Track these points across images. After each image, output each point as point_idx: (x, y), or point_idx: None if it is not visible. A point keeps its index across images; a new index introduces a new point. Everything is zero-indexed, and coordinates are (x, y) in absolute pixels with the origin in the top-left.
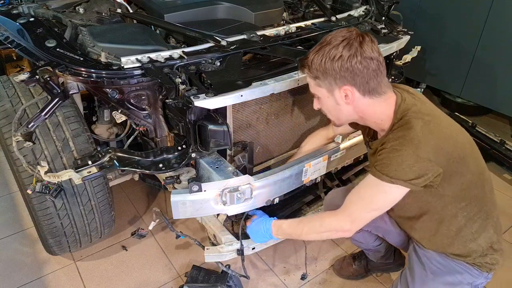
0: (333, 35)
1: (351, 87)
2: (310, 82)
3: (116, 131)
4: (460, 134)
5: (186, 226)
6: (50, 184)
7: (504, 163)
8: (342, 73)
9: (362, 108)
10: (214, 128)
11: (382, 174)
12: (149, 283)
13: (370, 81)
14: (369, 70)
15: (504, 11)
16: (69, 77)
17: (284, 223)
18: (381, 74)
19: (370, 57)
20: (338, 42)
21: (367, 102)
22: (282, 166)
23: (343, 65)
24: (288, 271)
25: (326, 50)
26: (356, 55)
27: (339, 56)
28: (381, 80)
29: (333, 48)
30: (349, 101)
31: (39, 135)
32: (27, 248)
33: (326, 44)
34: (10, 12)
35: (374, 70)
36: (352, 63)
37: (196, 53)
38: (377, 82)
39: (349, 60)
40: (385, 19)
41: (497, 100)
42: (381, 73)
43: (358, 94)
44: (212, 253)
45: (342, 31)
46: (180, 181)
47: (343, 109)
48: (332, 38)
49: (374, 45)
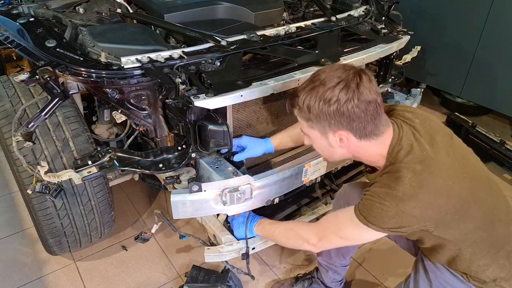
0: (327, 74)
1: (347, 132)
2: (301, 122)
3: (116, 131)
4: (459, 180)
5: (191, 225)
6: (50, 184)
7: (504, 163)
8: (338, 118)
9: (357, 150)
10: (214, 128)
11: (361, 215)
12: (149, 283)
13: (368, 125)
14: (366, 114)
15: (504, 11)
16: (69, 77)
17: (267, 222)
18: (379, 116)
19: (368, 100)
20: (333, 83)
21: (362, 145)
22: (282, 166)
23: (339, 110)
24: (288, 271)
25: (320, 92)
26: (353, 99)
27: (335, 100)
28: (379, 122)
29: (328, 90)
30: (344, 145)
31: (39, 135)
32: (27, 248)
33: (320, 85)
34: (10, 12)
35: (372, 114)
36: (349, 108)
37: (196, 53)
38: (375, 125)
39: (345, 104)
40: (385, 19)
41: (497, 100)
42: (379, 116)
43: (354, 139)
44: (212, 253)
45: (337, 69)
46: (180, 181)
47: (337, 151)
48: (327, 78)
49: (372, 85)
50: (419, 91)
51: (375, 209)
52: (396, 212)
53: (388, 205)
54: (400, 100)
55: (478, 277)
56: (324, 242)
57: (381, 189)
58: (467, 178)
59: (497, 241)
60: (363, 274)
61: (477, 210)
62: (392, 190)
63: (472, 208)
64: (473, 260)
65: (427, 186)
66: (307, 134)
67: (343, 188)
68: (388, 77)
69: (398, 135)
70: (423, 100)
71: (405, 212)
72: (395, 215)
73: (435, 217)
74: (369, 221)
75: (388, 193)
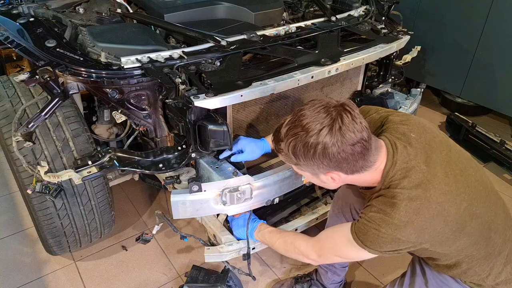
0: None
1: (337, 172)
2: (291, 165)
3: (116, 131)
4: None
5: (191, 226)
6: (50, 184)
7: (504, 163)
8: (326, 163)
9: (351, 181)
10: (214, 128)
11: (358, 239)
12: (149, 283)
13: (357, 163)
14: (354, 154)
15: (504, 11)
16: (69, 77)
17: (267, 228)
18: (368, 152)
19: (353, 142)
20: (316, 130)
21: (356, 177)
22: (282, 166)
23: (326, 156)
24: (288, 272)
25: (304, 139)
26: (337, 144)
27: (321, 147)
28: (369, 156)
29: (311, 137)
30: (336, 182)
31: (39, 135)
32: (27, 248)
33: (302, 131)
34: (10, 12)
35: (360, 152)
36: (334, 153)
37: (196, 53)
38: (364, 160)
39: (331, 149)
40: (385, 19)
41: (497, 100)
42: (368, 151)
43: (345, 175)
44: (212, 253)
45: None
46: (180, 181)
47: (331, 185)
48: (308, 124)
49: (355, 124)
50: (419, 91)
51: (371, 235)
52: (392, 239)
53: (384, 232)
54: (400, 100)
55: (476, 283)
56: (323, 259)
57: (377, 214)
58: (465, 199)
59: (493, 249)
60: (363, 274)
61: (474, 228)
62: (388, 216)
63: (468, 227)
64: (470, 268)
65: (423, 213)
66: (298, 172)
67: (342, 188)
68: (388, 77)
69: (392, 158)
70: (423, 100)
71: (401, 238)
72: (391, 241)
73: (431, 240)
74: (366, 245)
75: (384, 219)
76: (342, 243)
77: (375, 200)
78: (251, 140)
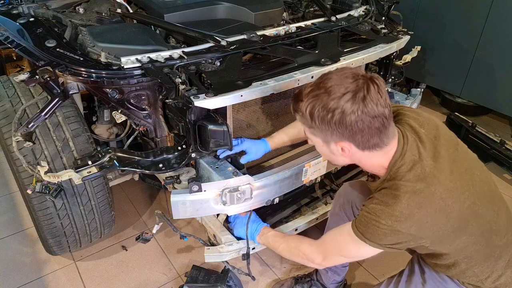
0: (334, 82)
1: (349, 144)
2: (304, 128)
3: (116, 131)
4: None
5: (191, 226)
6: (50, 184)
7: (504, 163)
8: (341, 130)
9: (359, 159)
10: (214, 128)
11: (358, 231)
12: (149, 283)
13: (372, 139)
14: (371, 128)
15: (504, 11)
16: (69, 77)
17: (271, 232)
18: (385, 130)
19: (374, 115)
20: (339, 94)
21: (365, 155)
22: (282, 166)
23: (342, 122)
24: (288, 272)
25: (324, 101)
26: (357, 112)
27: (339, 112)
28: (385, 135)
29: (332, 100)
30: (346, 154)
31: (39, 135)
32: (27, 248)
33: (325, 93)
34: (10, 12)
35: (378, 128)
36: (352, 121)
37: (196, 53)
38: (380, 139)
39: (349, 117)
40: (385, 19)
41: (497, 100)
42: (385, 129)
43: (356, 149)
44: (212, 253)
45: (346, 77)
46: (180, 181)
47: (339, 158)
48: (333, 87)
49: (380, 97)
50: (419, 91)
51: (371, 226)
52: (392, 231)
53: (384, 223)
54: (400, 100)
55: (474, 284)
56: (329, 261)
57: (377, 206)
58: (468, 197)
59: (494, 251)
60: (363, 274)
61: (475, 227)
62: (389, 208)
63: (470, 226)
64: (469, 268)
65: (425, 207)
66: (309, 138)
67: (344, 187)
68: (388, 77)
69: (402, 148)
70: (423, 100)
71: (401, 231)
72: (390, 233)
73: (432, 235)
74: (366, 237)
75: (384, 210)
76: (344, 241)
77: (377, 193)
78: (254, 142)
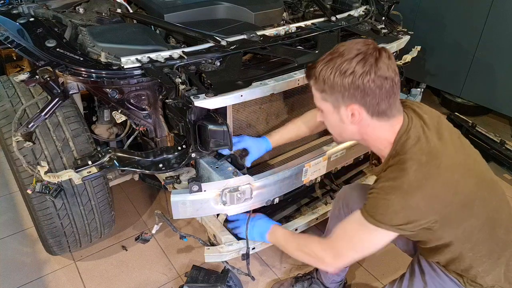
0: (347, 46)
1: (359, 107)
2: (315, 94)
3: (116, 131)
4: (465, 176)
5: (191, 226)
6: (50, 184)
7: (504, 163)
8: (352, 91)
9: (367, 130)
10: (214, 128)
11: (368, 215)
12: (149, 283)
13: (381, 103)
14: (381, 90)
15: (504, 11)
16: (69, 77)
17: (280, 230)
18: (394, 96)
19: (385, 76)
20: (352, 55)
21: (373, 125)
22: (282, 166)
23: (354, 82)
24: (288, 271)
25: (337, 63)
26: (369, 73)
27: (351, 72)
28: (393, 102)
29: (345, 61)
30: (355, 121)
31: (39, 135)
32: (27, 248)
33: (338, 56)
34: (10, 12)
35: (387, 91)
36: (364, 81)
37: (196, 53)
38: (388, 105)
39: (361, 77)
40: (385, 19)
41: (497, 100)
42: (394, 95)
43: (366, 115)
44: (212, 253)
45: (358, 42)
46: (180, 181)
47: (347, 128)
48: (346, 50)
49: (391, 62)
50: (419, 91)
51: (381, 205)
52: (402, 206)
53: (394, 198)
54: None
55: (476, 282)
56: (340, 259)
57: (386, 183)
58: (473, 176)
59: (496, 245)
60: (363, 274)
61: (481, 209)
62: (397, 182)
63: (476, 206)
64: (473, 266)
65: (433, 178)
66: (320, 107)
67: (343, 190)
68: None
69: (407, 125)
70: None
71: (411, 205)
72: (401, 209)
73: (441, 211)
74: (377, 219)
75: (393, 186)
76: (354, 230)
77: (384, 173)
78: (255, 139)
